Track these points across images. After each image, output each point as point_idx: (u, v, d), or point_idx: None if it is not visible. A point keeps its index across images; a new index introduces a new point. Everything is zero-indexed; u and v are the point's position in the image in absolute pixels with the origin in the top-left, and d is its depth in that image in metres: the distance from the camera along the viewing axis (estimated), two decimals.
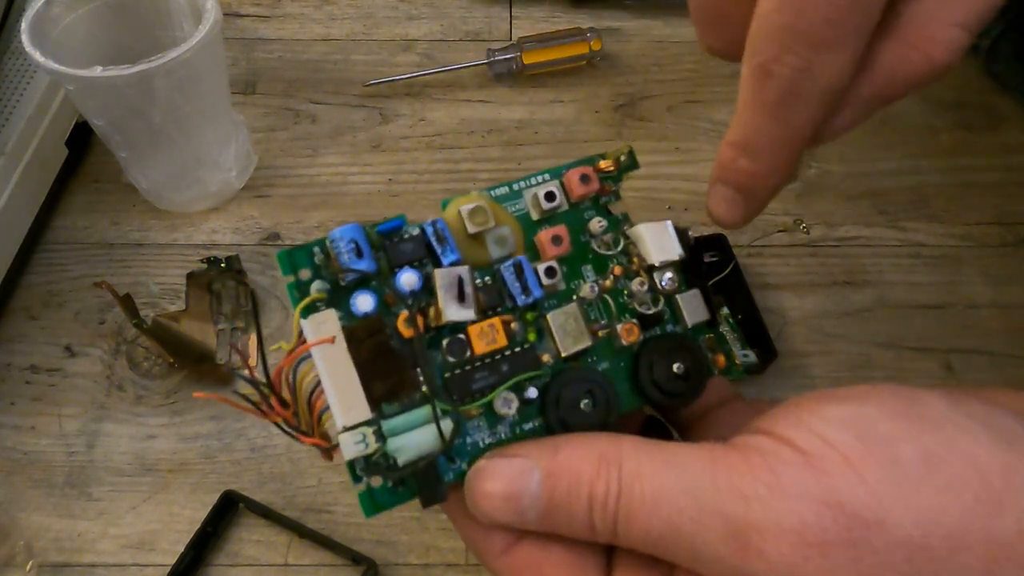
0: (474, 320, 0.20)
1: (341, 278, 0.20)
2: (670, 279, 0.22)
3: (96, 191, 0.48)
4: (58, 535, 0.36)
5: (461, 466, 0.20)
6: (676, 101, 0.52)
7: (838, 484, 0.16)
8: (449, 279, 0.20)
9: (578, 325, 0.21)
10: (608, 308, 0.22)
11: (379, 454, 0.20)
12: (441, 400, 0.20)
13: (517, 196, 0.22)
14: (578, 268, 0.22)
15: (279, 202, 0.47)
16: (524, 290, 0.21)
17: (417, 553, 0.35)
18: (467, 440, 0.20)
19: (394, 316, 0.20)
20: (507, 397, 0.20)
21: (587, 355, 0.21)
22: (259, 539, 0.35)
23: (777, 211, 0.47)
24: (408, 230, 0.21)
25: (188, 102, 0.41)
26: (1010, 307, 0.43)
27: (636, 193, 0.47)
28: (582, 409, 0.20)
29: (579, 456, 0.19)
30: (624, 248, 0.23)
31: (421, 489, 0.20)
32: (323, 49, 0.56)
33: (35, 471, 0.37)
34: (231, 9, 0.58)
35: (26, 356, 0.41)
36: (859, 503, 0.16)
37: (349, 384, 0.19)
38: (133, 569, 0.35)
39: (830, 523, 0.16)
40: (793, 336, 0.42)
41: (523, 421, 0.21)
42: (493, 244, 0.21)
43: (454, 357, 0.20)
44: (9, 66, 0.46)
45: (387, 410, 0.20)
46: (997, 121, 0.51)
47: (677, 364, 0.20)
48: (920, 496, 0.16)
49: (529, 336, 0.21)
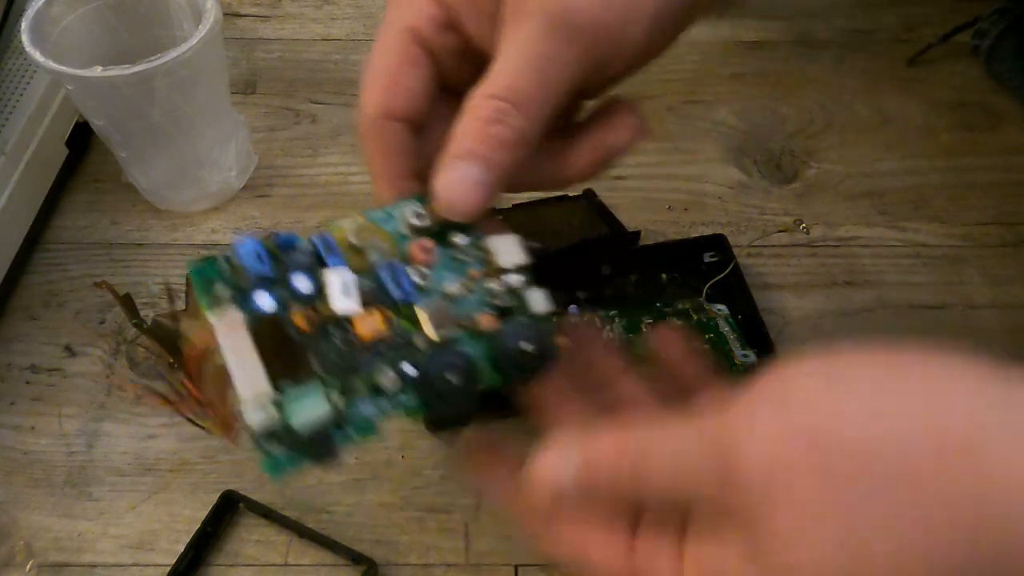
0: (358, 312, 0.25)
1: (245, 282, 0.24)
2: (517, 279, 0.26)
3: (96, 191, 0.48)
4: (58, 535, 0.36)
5: (349, 432, 0.24)
6: (676, 101, 0.52)
7: (797, 414, 0.19)
8: (336, 279, 0.25)
9: (445, 316, 0.25)
10: (469, 302, 0.26)
11: (278, 424, 0.23)
12: (331, 377, 0.24)
13: (393, 217, 0.27)
14: (444, 271, 0.26)
15: (279, 202, 0.47)
16: (398, 288, 0.25)
17: (417, 553, 0.35)
18: (355, 410, 0.24)
19: (290, 312, 0.24)
20: (388, 374, 0.24)
21: (454, 341, 0.25)
22: (259, 539, 0.35)
23: (777, 211, 0.47)
24: (301, 243, 0.25)
25: (188, 102, 0.41)
26: (1010, 307, 0.43)
27: (636, 193, 0.47)
28: (449, 380, 0.24)
29: (605, 439, 0.23)
30: (481, 256, 0.27)
31: (316, 453, 0.24)
32: (323, 49, 0.56)
33: (35, 471, 0.37)
34: (231, 9, 0.58)
35: (26, 356, 0.41)
36: (817, 424, 0.19)
37: (253, 368, 0.23)
38: (133, 569, 0.35)
39: (792, 447, 0.19)
40: (793, 336, 0.42)
41: (401, 393, 0.25)
42: (372, 253, 0.26)
43: (342, 343, 0.24)
44: (9, 66, 0.46)
45: (285, 387, 0.24)
46: (997, 121, 0.51)
47: (526, 344, 0.25)
48: (871, 407, 0.19)
49: (404, 325, 0.25)
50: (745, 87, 0.53)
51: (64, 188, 0.48)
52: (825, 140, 0.50)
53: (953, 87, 0.53)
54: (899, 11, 0.58)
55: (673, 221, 0.46)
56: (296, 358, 0.24)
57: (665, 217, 0.46)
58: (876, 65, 0.54)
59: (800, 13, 0.57)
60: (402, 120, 0.27)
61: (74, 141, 0.48)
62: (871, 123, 0.51)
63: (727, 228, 0.45)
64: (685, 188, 0.48)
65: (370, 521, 0.36)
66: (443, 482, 0.37)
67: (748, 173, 0.49)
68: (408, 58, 0.26)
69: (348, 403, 0.24)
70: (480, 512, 0.36)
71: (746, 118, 0.52)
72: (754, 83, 0.53)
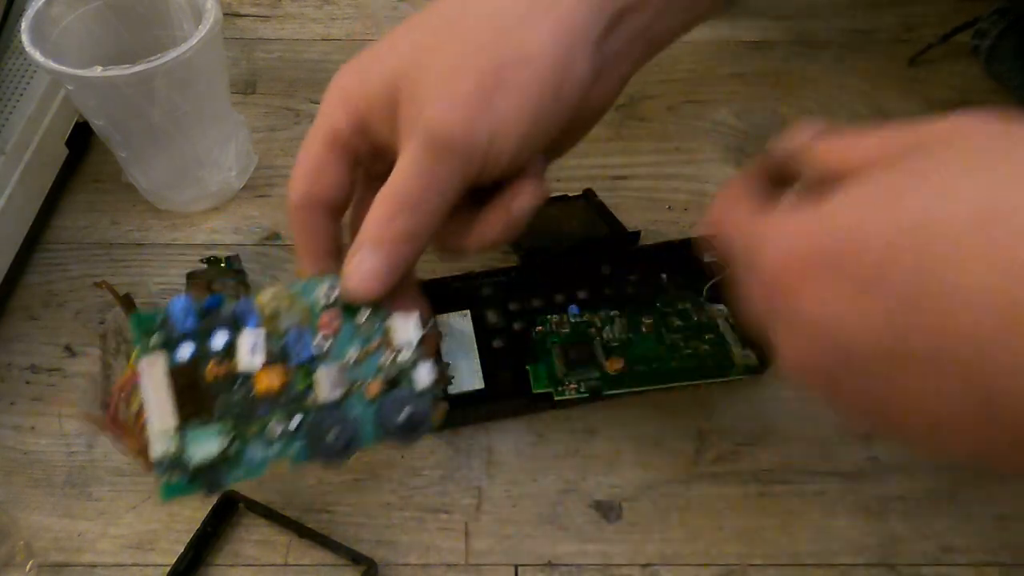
0: (260, 369, 0.28)
1: (173, 334, 0.29)
2: (408, 356, 0.30)
3: (96, 191, 0.48)
4: (58, 535, 0.36)
5: (238, 471, 0.28)
6: (676, 101, 0.52)
7: (821, 221, 0.23)
8: (247, 339, 0.29)
9: (337, 379, 0.29)
10: (362, 370, 0.29)
11: (179, 455, 0.27)
12: (229, 421, 0.28)
13: (311, 291, 0.30)
14: (345, 341, 0.30)
15: (279, 202, 0.47)
16: (301, 351, 0.29)
17: (417, 553, 0.35)
18: (245, 453, 0.28)
19: (205, 362, 0.28)
20: (278, 425, 0.28)
21: (341, 402, 0.29)
22: (259, 539, 0.35)
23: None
24: (225, 306, 0.29)
25: (188, 102, 0.41)
26: None
27: (636, 193, 0.48)
28: (331, 436, 0.28)
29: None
30: (380, 330, 0.30)
31: (206, 484, 0.28)
32: (323, 49, 0.56)
33: (35, 471, 0.37)
34: (231, 9, 0.58)
35: (26, 356, 0.41)
36: (830, 236, 0.22)
37: (165, 407, 0.28)
38: (133, 569, 0.35)
39: (808, 246, 0.23)
40: None
41: (288, 444, 0.28)
42: (285, 319, 0.30)
43: (243, 394, 0.28)
44: (9, 66, 0.46)
45: (190, 425, 0.28)
46: None
47: (402, 414, 0.29)
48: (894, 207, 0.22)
49: (300, 384, 0.29)
50: (745, 87, 0.53)
51: (64, 188, 0.48)
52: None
53: (953, 87, 0.53)
54: (899, 11, 0.58)
55: (673, 221, 0.46)
56: (205, 402, 0.28)
57: (665, 217, 0.46)
58: (876, 65, 0.54)
59: (800, 13, 0.57)
60: (323, 206, 0.31)
61: (74, 141, 0.48)
62: (871, 123, 0.51)
63: None
64: (685, 188, 0.48)
65: (370, 521, 0.36)
66: (443, 482, 0.37)
67: None
68: (328, 155, 0.31)
69: (241, 445, 0.28)
70: (480, 512, 0.36)
71: (746, 118, 0.52)
72: (754, 83, 0.53)
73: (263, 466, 0.28)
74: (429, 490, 0.37)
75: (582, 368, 0.37)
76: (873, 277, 0.21)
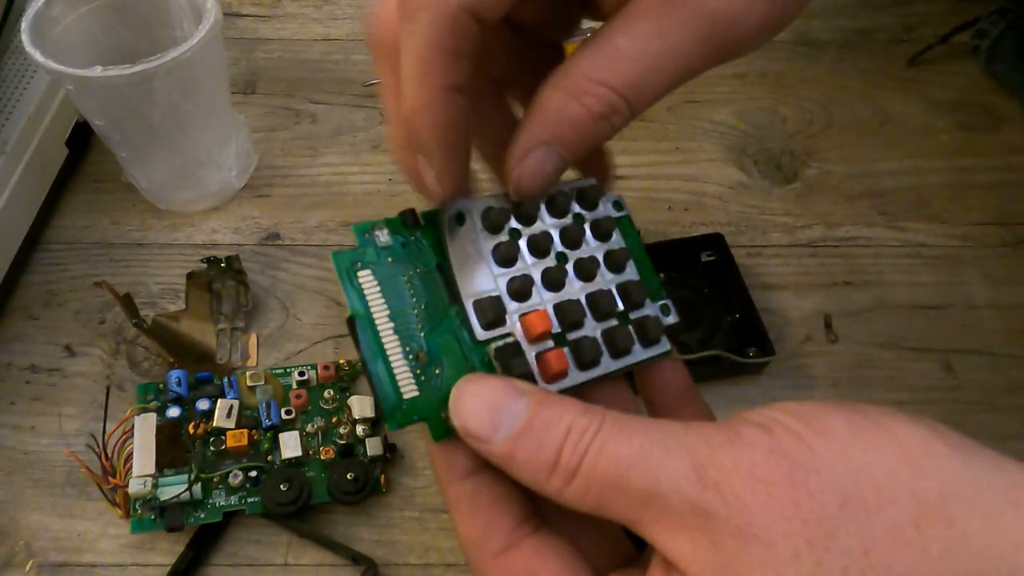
0: (232, 429, 0.36)
1: (165, 398, 0.38)
2: (363, 429, 0.37)
3: (96, 191, 0.48)
4: (58, 535, 0.36)
5: (199, 513, 0.35)
6: (676, 101, 0.52)
7: (784, 441, 0.19)
8: (225, 405, 0.37)
9: (297, 444, 0.36)
10: (320, 439, 0.37)
11: (152, 496, 0.34)
12: (198, 471, 0.35)
13: (288, 373, 0.39)
14: (311, 414, 0.38)
15: (279, 202, 0.47)
16: (268, 418, 0.37)
17: (417, 553, 0.35)
18: (208, 499, 0.35)
19: (187, 422, 0.37)
20: (238, 477, 0.35)
21: (301, 462, 0.36)
22: (259, 539, 0.35)
23: (777, 211, 0.47)
24: (214, 379, 0.38)
25: (188, 102, 0.41)
26: (1010, 307, 0.43)
27: (637, 193, 0.48)
28: (283, 491, 0.35)
29: (572, 402, 0.21)
30: (342, 407, 0.38)
31: (170, 523, 0.34)
32: (323, 49, 0.56)
33: (35, 471, 0.37)
34: (231, 9, 0.58)
35: (26, 356, 0.41)
36: (800, 455, 0.19)
37: (149, 453, 0.35)
38: (133, 569, 0.35)
39: (775, 466, 0.19)
40: (793, 336, 0.42)
41: (249, 495, 0.35)
42: (261, 394, 0.38)
43: (215, 448, 0.36)
44: (9, 66, 0.46)
45: (166, 472, 0.35)
46: (997, 121, 0.51)
47: (351, 475, 0.35)
48: (848, 454, 0.19)
49: (265, 445, 0.37)
50: (745, 87, 0.53)
51: (64, 188, 0.48)
52: (825, 140, 0.50)
53: (953, 87, 0.53)
54: (899, 11, 0.58)
55: (673, 221, 0.46)
56: (180, 452, 0.36)
57: (665, 217, 0.46)
58: (876, 65, 0.54)
59: (800, 13, 0.57)
60: (463, 94, 0.22)
61: (74, 141, 0.48)
62: (871, 123, 0.51)
63: (727, 228, 0.45)
64: (685, 188, 0.48)
65: (370, 521, 0.36)
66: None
67: (748, 173, 0.49)
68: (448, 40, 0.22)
69: (205, 492, 0.35)
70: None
71: (746, 118, 0.52)
72: (754, 83, 0.53)
73: (221, 512, 0.34)
74: (429, 490, 0.37)
75: None
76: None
